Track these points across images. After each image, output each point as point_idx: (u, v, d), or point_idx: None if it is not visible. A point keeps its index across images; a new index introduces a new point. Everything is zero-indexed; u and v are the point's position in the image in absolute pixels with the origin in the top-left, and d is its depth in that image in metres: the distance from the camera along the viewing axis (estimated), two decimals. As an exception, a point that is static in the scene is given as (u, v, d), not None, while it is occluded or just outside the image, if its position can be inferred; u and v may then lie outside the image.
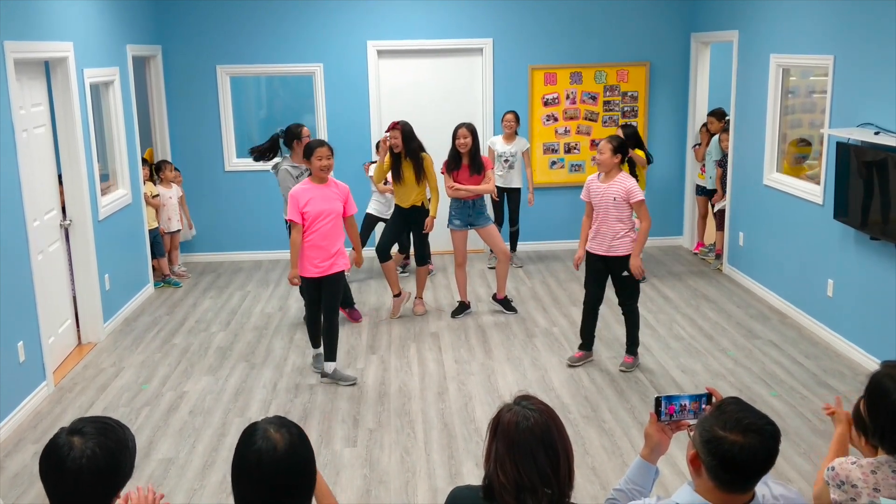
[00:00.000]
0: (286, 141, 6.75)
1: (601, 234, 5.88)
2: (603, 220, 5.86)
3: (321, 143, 5.77)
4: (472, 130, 7.01)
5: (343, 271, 5.88)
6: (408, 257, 8.52)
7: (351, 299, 7.28)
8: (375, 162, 7.82)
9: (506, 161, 8.44)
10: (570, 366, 6.16)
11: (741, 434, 2.09)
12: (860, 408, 2.66)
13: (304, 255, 5.75)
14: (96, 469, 2.14)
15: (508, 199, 8.60)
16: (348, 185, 5.96)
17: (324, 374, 5.98)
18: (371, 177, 8.10)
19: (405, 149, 6.89)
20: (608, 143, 5.79)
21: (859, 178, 5.88)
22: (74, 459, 2.13)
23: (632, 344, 6.11)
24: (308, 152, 5.74)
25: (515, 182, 8.55)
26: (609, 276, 6.01)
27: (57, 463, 2.14)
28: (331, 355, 5.92)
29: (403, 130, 6.90)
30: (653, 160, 8.14)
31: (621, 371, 6.06)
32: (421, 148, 6.98)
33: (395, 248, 7.80)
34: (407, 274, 8.60)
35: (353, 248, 6.10)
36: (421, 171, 6.89)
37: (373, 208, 8.23)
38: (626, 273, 5.89)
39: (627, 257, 5.86)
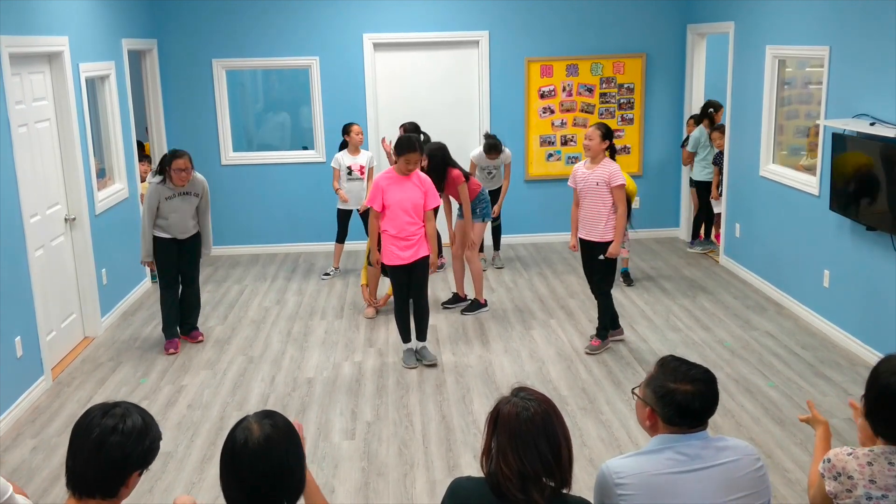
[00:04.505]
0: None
1: (585, 219, 6.10)
2: (587, 205, 6.07)
3: (413, 149, 5.81)
4: (429, 154, 6.89)
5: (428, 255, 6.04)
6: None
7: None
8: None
9: (489, 173, 8.31)
10: (590, 353, 6.27)
11: (690, 384, 2.43)
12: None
13: (386, 245, 5.93)
14: (139, 430, 2.16)
15: (493, 198, 8.27)
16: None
17: (412, 367, 6.11)
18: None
19: None
20: (597, 130, 5.99)
21: (855, 168, 5.89)
22: (125, 420, 2.16)
23: (602, 328, 6.31)
24: (400, 150, 5.84)
25: (499, 184, 8.42)
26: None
27: (108, 430, 2.14)
28: (421, 335, 6.17)
29: None
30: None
31: (587, 353, 6.22)
32: None
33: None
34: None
35: (428, 247, 6.04)
36: None
37: (341, 203, 8.27)
38: (602, 257, 6.09)
39: (607, 243, 6.04)
